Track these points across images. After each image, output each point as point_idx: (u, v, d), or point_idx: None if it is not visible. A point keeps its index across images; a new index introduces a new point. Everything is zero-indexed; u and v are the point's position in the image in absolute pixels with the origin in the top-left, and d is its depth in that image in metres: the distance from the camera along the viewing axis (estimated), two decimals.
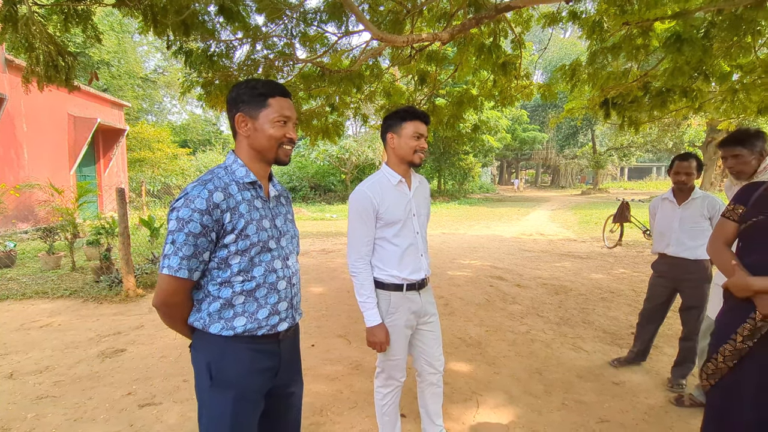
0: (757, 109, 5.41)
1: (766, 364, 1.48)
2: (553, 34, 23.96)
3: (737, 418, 1.54)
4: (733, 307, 1.60)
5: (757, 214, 1.55)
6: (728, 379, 1.58)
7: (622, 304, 4.57)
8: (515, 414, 2.43)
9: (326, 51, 5.24)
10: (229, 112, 1.26)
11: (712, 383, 1.63)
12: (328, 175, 22.58)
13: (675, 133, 22.85)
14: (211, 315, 1.20)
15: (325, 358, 3.17)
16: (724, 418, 1.60)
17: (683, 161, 2.66)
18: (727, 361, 1.57)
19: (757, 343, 1.50)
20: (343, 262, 6.94)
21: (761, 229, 1.53)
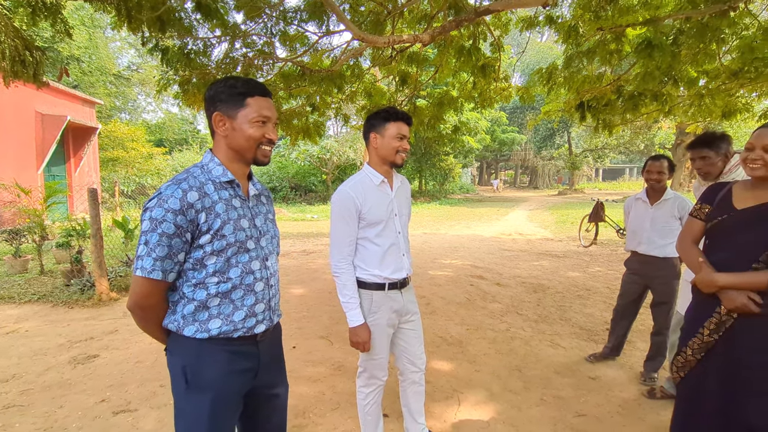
0: (722, 113, 5.67)
1: (731, 356, 1.55)
2: (531, 38, 24.44)
3: (705, 407, 1.61)
4: (700, 303, 1.67)
5: (721, 214, 1.62)
6: (696, 371, 1.65)
7: (597, 302, 4.71)
8: (496, 410, 2.47)
9: (306, 50, 5.21)
10: (207, 110, 1.23)
11: (682, 375, 1.71)
12: (308, 176, 22.39)
13: (646, 135, 23.69)
14: (186, 317, 1.18)
15: (306, 359, 3.15)
16: (692, 408, 1.67)
17: (655, 161, 2.77)
18: (696, 354, 1.64)
19: (722, 336, 1.58)
20: (325, 263, 6.90)
21: (725, 227, 1.61)
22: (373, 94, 6.12)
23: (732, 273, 1.54)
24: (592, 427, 2.30)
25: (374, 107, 6.04)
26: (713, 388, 1.60)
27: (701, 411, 1.63)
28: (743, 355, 1.51)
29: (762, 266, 1.49)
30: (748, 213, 1.55)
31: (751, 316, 1.49)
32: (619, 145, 28.23)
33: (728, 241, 1.60)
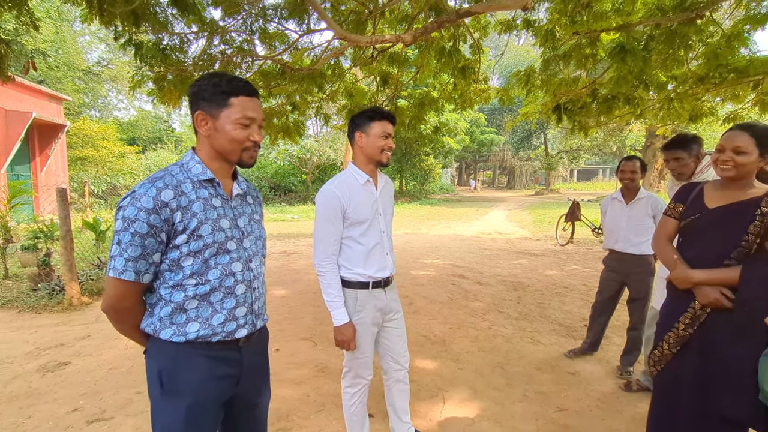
0: (689, 117, 5.92)
1: (705, 349, 1.62)
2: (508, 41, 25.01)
3: (681, 399, 1.68)
4: (676, 298, 1.74)
5: (694, 213, 1.69)
6: (672, 365, 1.71)
7: (575, 299, 4.84)
8: (480, 407, 2.50)
9: (286, 48, 5.14)
10: (190, 107, 1.19)
11: (659, 369, 1.77)
12: (288, 176, 22.12)
13: (618, 137, 24.50)
14: (162, 320, 1.13)
15: (289, 362, 3.11)
16: (669, 400, 1.73)
17: (629, 162, 2.89)
18: (672, 347, 1.70)
19: (696, 330, 1.64)
20: (306, 263, 6.83)
21: (698, 226, 1.68)
22: (354, 93, 6.10)
23: (705, 269, 1.60)
24: (573, 421, 2.36)
25: (355, 107, 6.02)
26: (688, 380, 1.66)
27: (677, 402, 1.70)
28: (716, 348, 1.58)
29: (733, 262, 1.56)
30: (719, 212, 1.62)
31: (724, 310, 1.56)
32: (593, 147, 29.11)
33: (701, 238, 1.67)
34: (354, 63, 5.91)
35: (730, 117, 6.41)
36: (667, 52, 4.20)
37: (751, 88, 5.05)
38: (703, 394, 1.61)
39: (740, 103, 5.96)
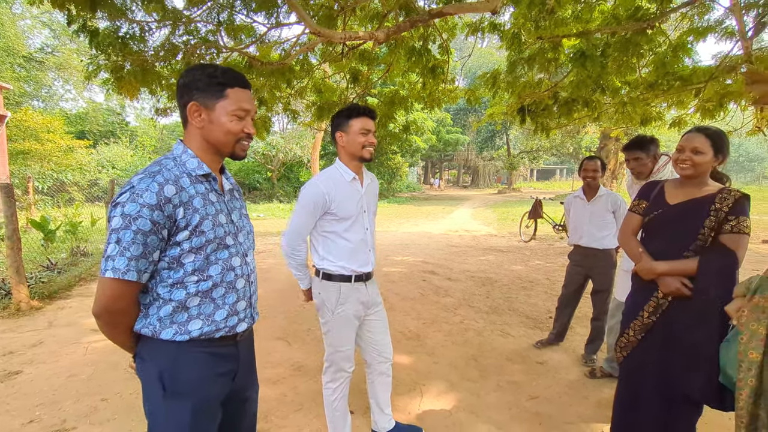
0: (640, 120, 6.32)
1: (667, 335, 1.75)
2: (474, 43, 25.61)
3: (645, 382, 1.81)
4: (640, 289, 1.87)
5: (656, 209, 1.82)
6: (637, 350, 1.84)
7: (539, 292, 5.06)
8: (456, 399, 2.57)
9: (254, 41, 5.00)
10: (180, 98, 1.14)
11: (625, 355, 1.89)
12: (253, 173, 21.55)
13: (575, 139, 25.73)
14: (162, 320, 1.09)
15: (265, 361, 3.04)
16: (634, 383, 1.86)
17: (590, 161, 3.09)
18: (637, 334, 1.83)
19: (659, 318, 1.78)
20: (276, 262, 6.71)
21: (660, 221, 1.81)
22: (324, 90, 6.04)
23: (667, 261, 1.73)
24: (544, 407, 2.48)
25: (324, 104, 5.97)
26: (652, 364, 1.79)
27: (642, 385, 1.82)
28: (677, 333, 1.71)
29: (691, 254, 1.70)
30: (679, 207, 1.76)
31: (683, 298, 1.69)
32: (552, 148, 30.40)
33: (662, 232, 1.81)
34: (323, 59, 5.84)
35: (676, 122, 6.91)
36: (622, 59, 4.45)
37: (694, 96, 5.47)
38: (665, 377, 1.74)
39: (684, 108, 6.44)
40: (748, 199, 1.66)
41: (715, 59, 4.94)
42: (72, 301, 4.48)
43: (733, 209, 1.63)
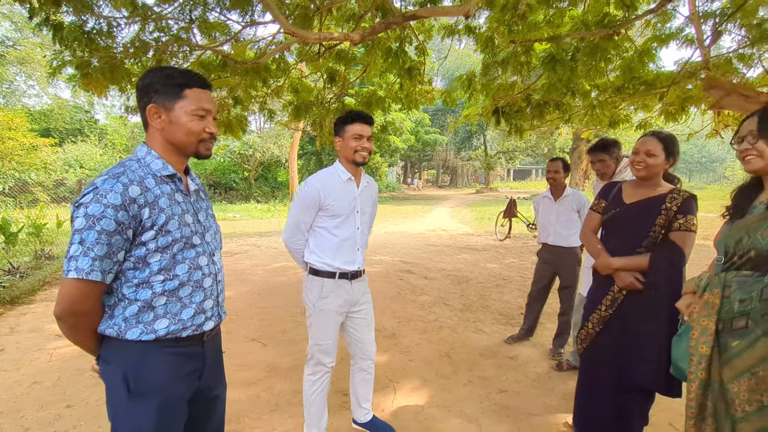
0: (609, 123, 6.57)
1: (621, 327, 1.86)
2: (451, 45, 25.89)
3: (603, 371, 1.91)
4: (599, 283, 1.97)
5: (614, 208, 1.93)
6: (596, 342, 1.94)
7: (512, 289, 5.20)
8: (429, 395, 2.62)
9: (228, 40, 4.94)
10: (140, 101, 1.15)
11: (585, 347, 1.99)
12: (229, 173, 21.13)
13: (549, 140, 26.41)
14: (128, 320, 1.09)
15: (238, 363, 3.02)
16: (593, 373, 1.96)
17: (553, 162, 3.25)
18: (595, 327, 1.93)
19: (615, 311, 1.88)
20: (251, 263, 6.63)
21: (617, 219, 1.92)
22: (300, 90, 6.02)
23: (623, 257, 1.84)
24: (512, 400, 2.57)
25: (301, 103, 5.95)
26: (609, 355, 1.89)
27: (600, 375, 1.92)
28: (630, 325, 1.81)
29: (644, 250, 1.80)
30: (634, 207, 1.86)
31: (636, 292, 1.80)
32: (527, 148, 31.13)
33: (619, 230, 1.91)
34: (300, 58, 5.81)
35: (642, 124, 7.21)
36: (591, 64, 4.62)
37: (658, 99, 5.74)
38: (620, 366, 1.84)
39: (649, 111, 6.74)
40: (695, 199, 1.78)
41: (677, 65, 5.20)
42: (36, 306, 4.31)
43: (681, 208, 1.74)
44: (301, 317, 4.07)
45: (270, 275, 5.86)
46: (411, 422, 2.33)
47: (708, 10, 4.95)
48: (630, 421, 1.95)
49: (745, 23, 4.75)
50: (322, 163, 21.55)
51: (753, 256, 1.23)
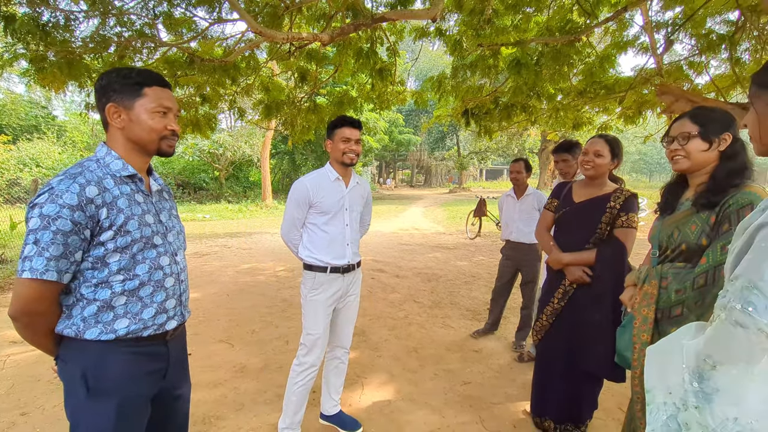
0: (572, 125, 6.85)
1: (572, 318, 1.98)
2: (424, 46, 26.12)
3: (556, 359, 2.03)
4: (552, 278, 2.09)
5: (565, 206, 2.05)
6: (550, 332, 2.06)
7: (480, 286, 5.35)
8: (396, 389, 2.69)
9: (195, 37, 4.84)
10: (98, 101, 1.16)
11: (540, 337, 2.10)
12: (198, 172, 20.54)
13: (519, 141, 27.13)
14: (86, 320, 1.09)
15: (205, 365, 2.99)
16: (547, 362, 2.08)
17: (515, 163, 3.39)
18: (549, 318, 2.04)
19: (567, 303, 2.00)
20: (221, 264, 6.52)
21: (567, 217, 2.04)
22: (271, 88, 5.96)
23: (572, 253, 1.96)
24: (476, 391, 2.67)
25: (272, 102, 5.90)
26: (561, 344, 2.02)
27: (553, 363, 2.04)
28: (579, 316, 1.93)
29: (591, 246, 1.93)
30: (582, 205, 1.99)
31: (585, 284, 1.92)
32: (499, 149, 31.85)
33: (569, 227, 2.04)
34: (270, 56, 5.76)
35: (603, 126, 7.56)
36: (554, 68, 4.82)
37: (618, 103, 6.04)
38: (571, 355, 1.96)
39: (610, 114, 7.07)
40: (636, 197, 1.92)
41: (634, 71, 5.49)
42: None
43: (624, 206, 1.88)
44: (271, 317, 4.06)
45: (240, 276, 5.79)
46: (377, 416, 2.39)
47: (660, 20, 5.26)
48: (582, 406, 2.08)
49: (694, 33, 5.08)
50: (296, 163, 21.31)
51: (684, 249, 1.35)
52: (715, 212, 1.27)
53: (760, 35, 4.63)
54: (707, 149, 1.35)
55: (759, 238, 0.72)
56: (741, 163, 1.30)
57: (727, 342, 0.75)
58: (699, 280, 1.25)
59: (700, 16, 4.74)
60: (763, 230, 0.71)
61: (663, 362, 0.91)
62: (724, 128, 1.33)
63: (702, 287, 1.23)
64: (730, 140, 1.32)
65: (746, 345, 0.71)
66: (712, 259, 1.22)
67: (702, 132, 1.35)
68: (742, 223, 0.79)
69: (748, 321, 0.70)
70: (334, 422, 2.26)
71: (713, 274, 1.21)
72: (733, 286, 0.75)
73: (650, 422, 0.88)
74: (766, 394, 0.73)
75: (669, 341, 0.92)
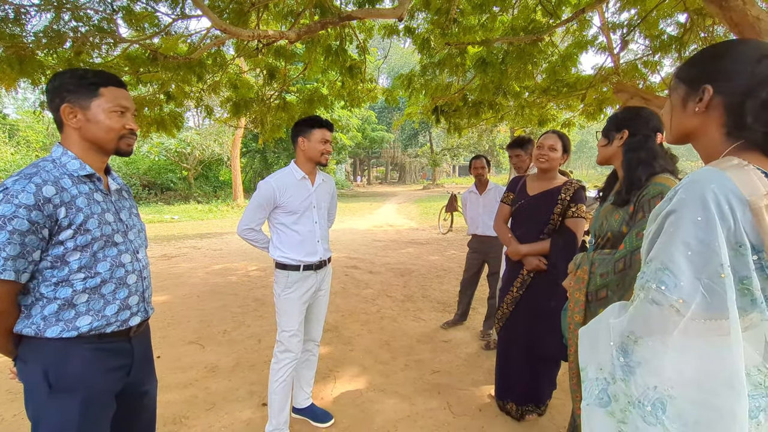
0: (538, 121, 7.10)
1: (531, 306, 2.10)
2: (395, 44, 26.16)
3: (516, 345, 2.15)
4: (511, 268, 2.20)
5: (520, 199, 2.17)
6: (510, 320, 2.17)
7: (451, 279, 5.49)
8: (367, 381, 2.76)
9: (157, 33, 4.71)
10: (51, 102, 1.16)
11: (501, 325, 2.22)
12: (165, 172, 19.88)
13: (489, 137, 27.72)
14: (47, 318, 1.10)
15: (175, 366, 2.96)
16: (507, 348, 2.20)
17: (477, 160, 3.52)
18: (509, 307, 2.16)
19: (525, 291, 2.12)
20: (190, 266, 6.39)
21: (522, 209, 2.16)
22: (240, 86, 5.87)
23: (529, 244, 2.08)
24: (444, 379, 2.77)
25: (241, 100, 5.82)
26: (521, 330, 2.14)
27: (514, 348, 2.17)
28: (538, 303, 2.06)
29: (546, 237, 2.05)
30: (536, 198, 2.11)
31: (542, 273, 2.04)
32: (470, 145, 32.40)
33: (524, 219, 2.15)
34: (237, 53, 5.67)
35: (567, 123, 7.87)
36: (519, 66, 4.99)
37: (580, 100, 6.31)
38: (529, 340, 2.09)
39: (573, 111, 7.37)
40: (584, 189, 2.06)
41: (594, 70, 5.74)
42: None
43: (573, 198, 2.01)
44: (243, 317, 4.04)
45: (210, 277, 5.70)
46: (349, 407, 2.45)
47: (617, 22, 5.53)
48: (541, 387, 2.21)
49: (648, 34, 5.37)
50: (267, 161, 20.97)
51: (610, 236, 1.47)
52: (633, 203, 1.39)
53: (706, 37, 4.95)
54: (605, 144, 1.53)
55: (667, 224, 0.81)
56: (645, 153, 1.41)
57: (645, 318, 0.84)
58: (619, 264, 1.37)
59: (653, 18, 5.02)
60: (670, 217, 0.80)
61: (593, 341, 1.00)
62: (621, 126, 1.48)
63: (622, 271, 1.35)
64: (626, 136, 1.46)
65: (660, 320, 0.81)
66: (629, 245, 1.34)
67: (603, 130, 1.56)
68: (654, 210, 0.89)
69: (662, 298, 0.79)
70: (306, 415, 2.30)
71: (630, 258, 1.32)
72: (648, 268, 0.84)
73: (585, 397, 0.97)
74: (678, 363, 0.82)
75: (597, 321, 1.01)
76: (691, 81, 0.87)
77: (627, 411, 0.84)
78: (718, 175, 0.75)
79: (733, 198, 0.73)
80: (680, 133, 0.92)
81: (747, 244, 0.74)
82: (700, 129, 0.87)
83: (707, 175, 0.76)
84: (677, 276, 0.77)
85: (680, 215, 0.77)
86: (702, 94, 0.84)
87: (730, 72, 0.81)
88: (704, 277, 0.75)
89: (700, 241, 0.74)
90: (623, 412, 0.85)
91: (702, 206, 0.74)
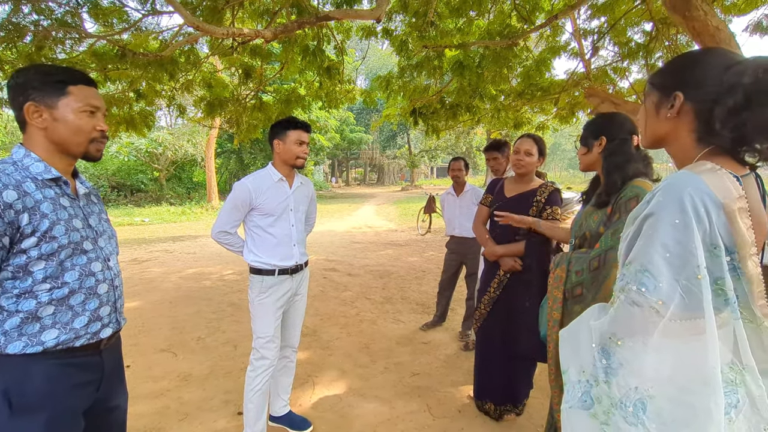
0: (513, 124, 7.24)
1: (507, 306, 2.12)
2: (373, 45, 26.20)
3: (494, 344, 2.16)
4: (489, 269, 2.22)
5: (498, 201, 2.19)
6: (487, 320, 2.19)
7: (430, 280, 5.52)
8: (347, 385, 2.72)
9: (126, 29, 4.53)
10: (14, 100, 1.08)
11: (479, 325, 2.23)
12: (135, 173, 19.20)
13: (466, 139, 28.13)
14: (8, 333, 1.02)
15: (146, 376, 2.84)
16: (486, 348, 2.21)
17: (456, 161, 3.55)
18: (486, 307, 2.17)
19: (502, 292, 2.14)
20: (161, 271, 6.18)
21: (500, 211, 2.18)
22: (214, 85, 5.73)
23: (505, 245, 2.10)
24: (424, 381, 2.77)
25: (215, 99, 5.68)
26: (498, 330, 2.16)
27: (491, 348, 2.18)
28: (513, 302, 2.08)
29: (521, 238, 2.08)
30: (513, 200, 2.14)
31: (518, 273, 2.07)
32: (448, 147, 32.79)
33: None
34: (212, 51, 5.53)
35: (541, 126, 8.06)
36: (495, 70, 5.07)
37: (554, 104, 6.47)
38: (507, 340, 2.11)
39: (547, 114, 7.55)
40: (560, 192, 2.10)
41: (567, 74, 5.89)
42: None
43: (548, 200, 2.05)
44: (218, 323, 3.92)
45: (184, 282, 5.52)
46: (328, 413, 2.41)
47: (588, 28, 5.70)
48: (518, 387, 2.24)
49: (617, 41, 5.56)
50: (244, 162, 20.57)
51: (587, 236, 1.50)
52: (611, 204, 1.43)
53: (670, 45, 5.17)
54: (586, 152, 1.56)
55: (646, 227, 0.83)
56: (622, 158, 1.46)
57: (626, 320, 0.85)
58: (593, 262, 1.40)
59: (622, 26, 5.20)
60: (648, 219, 0.82)
61: (574, 343, 1.01)
62: (598, 134, 1.52)
63: (596, 269, 1.38)
64: (604, 143, 1.50)
65: (642, 321, 0.82)
66: (604, 244, 1.38)
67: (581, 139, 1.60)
68: (632, 213, 0.90)
69: (642, 300, 0.81)
70: (284, 423, 2.25)
71: (604, 257, 1.36)
72: (628, 270, 0.86)
73: (567, 400, 0.97)
74: (657, 363, 0.84)
75: (578, 323, 1.02)
76: (664, 87, 0.90)
77: (610, 413, 0.85)
78: (694, 179, 0.77)
79: (708, 201, 0.75)
80: (654, 137, 0.94)
81: (721, 246, 0.76)
82: (672, 134, 0.90)
83: (684, 179, 0.78)
84: (657, 278, 0.78)
85: (658, 218, 0.79)
86: (673, 100, 0.86)
87: (700, 80, 0.84)
88: (682, 279, 0.76)
89: (677, 242, 0.76)
90: (606, 414, 0.86)
91: (680, 209, 0.76)
